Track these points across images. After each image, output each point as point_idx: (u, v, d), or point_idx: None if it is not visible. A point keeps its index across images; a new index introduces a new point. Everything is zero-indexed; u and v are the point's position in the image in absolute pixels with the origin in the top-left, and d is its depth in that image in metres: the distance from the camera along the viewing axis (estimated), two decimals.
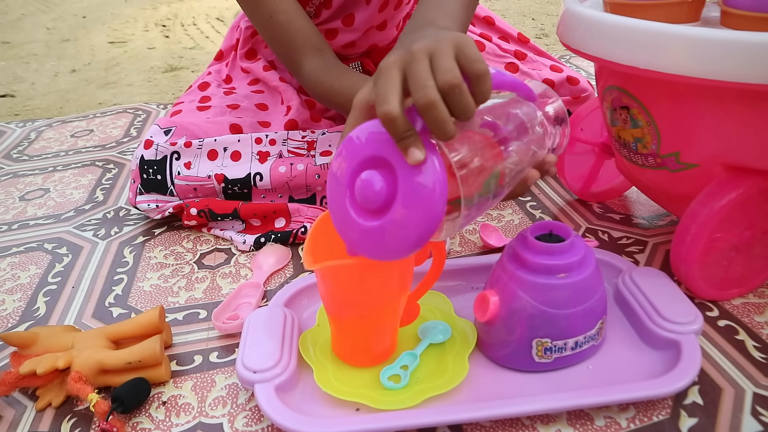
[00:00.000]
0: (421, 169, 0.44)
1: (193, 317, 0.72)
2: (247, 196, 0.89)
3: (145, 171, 0.90)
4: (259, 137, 0.91)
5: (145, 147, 0.90)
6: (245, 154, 0.90)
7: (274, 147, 0.91)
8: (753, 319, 0.67)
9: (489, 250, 0.82)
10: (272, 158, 0.90)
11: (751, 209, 0.65)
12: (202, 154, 0.90)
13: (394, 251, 0.46)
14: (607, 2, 0.65)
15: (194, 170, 0.89)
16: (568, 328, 0.57)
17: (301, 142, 0.92)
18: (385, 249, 0.47)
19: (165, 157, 0.89)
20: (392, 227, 0.45)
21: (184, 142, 0.90)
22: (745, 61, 0.53)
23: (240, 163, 0.89)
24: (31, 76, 1.93)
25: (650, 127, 0.66)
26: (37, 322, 0.73)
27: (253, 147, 0.91)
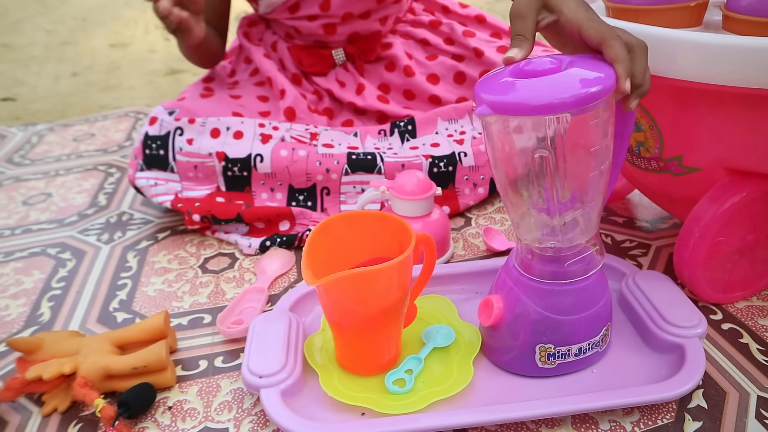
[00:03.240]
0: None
1: (198, 322, 0.72)
2: (246, 180, 0.89)
3: (149, 146, 0.91)
4: (262, 122, 0.92)
5: (150, 123, 0.92)
6: (248, 134, 0.91)
7: (277, 132, 0.92)
8: (757, 323, 0.68)
9: (493, 253, 0.82)
10: (274, 140, 0.90)
11: (754, 213, 0.65)
12: (205, 132, 0.91)
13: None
14: (609, 7, 0.65)
15: (196, 146, 0.89)
16: (571, 335, 0.58)
17: (305, 132, 0.93)
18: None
19: (168, 133, 0.91)
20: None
21: (188, 119, 0.92)
22: (747, 65, 0.53)
23: (242, 141, 0.90)
24: (32, 79, 1.93)
25: (653, 131, 0.66)
26: (41, 327, 0.74)
27: (257, 129, 0.91)
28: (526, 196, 0.55)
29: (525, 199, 0.55)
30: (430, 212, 0.79)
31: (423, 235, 0.58)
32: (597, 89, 0.47)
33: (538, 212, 0.56)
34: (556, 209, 0.54)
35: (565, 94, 0.46)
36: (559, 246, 0.56)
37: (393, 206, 0.79)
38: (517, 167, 0.53)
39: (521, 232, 0.58)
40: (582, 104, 0.47)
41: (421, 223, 0.77)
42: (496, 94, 0.49)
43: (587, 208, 0.55)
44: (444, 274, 0.72)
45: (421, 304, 0.67)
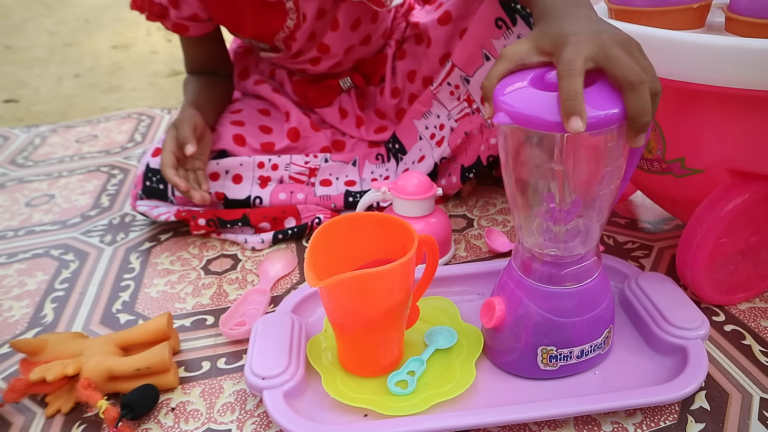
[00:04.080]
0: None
1: (201, 323, 0.72)
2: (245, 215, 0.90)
3: (149, 179, 0.90)
4: (262, 161, 0.92)
5: (153, 155, 0.91)
6: (246, 178, 0.92)
7: (275, 172, 0.92)
8: (759, 324, 0.68)
9: (495, 255, 0.82)
10: (273, 183, 0.92)
11: (757, 214, 0.65)
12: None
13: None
14: (612, 8, 0.65)
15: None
16: (573, 337, 0.58)
17: (304, 168, 0.93)
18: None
19: None
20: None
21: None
22: (750, 67, 0.53)
23: (240, 186, 0.91)
24: (35, 80, 1.94)
25: (655, 133, 0.66)
26: (44, 328, 0.74)
27: (255, 171, 0.92)
28: (533, 202, 0.55)
29: (531, 204, 0.56)
30: (432, 212, 0.79)
31: (425, 237, 0.58)
32: (615, 113, 0.47)
33: (543, 219, 0.56)
34: (561, 219, 0.54)
35: (589, 113, 0.46)
36: (559, 254, 0.56)
37: (394, 206, 0.79)
38: (528, 174, 0.53)
39: (524, 235, 0.58)
40: (600, 127, 0.47)
41: (423, 223, 0.77)
42: (517, 104, 0.48)
43: (592, 220, 0.55)
44: (446, 276, 0.72)
45: (424, 305, 0.67)
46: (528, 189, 0.55)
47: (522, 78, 0.52)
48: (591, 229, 0.56)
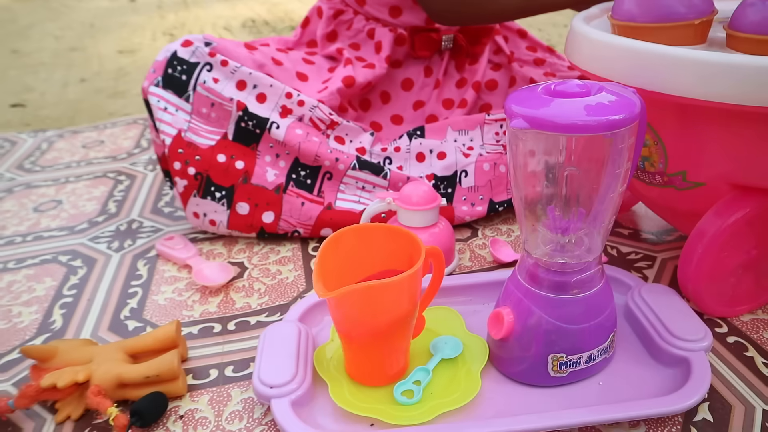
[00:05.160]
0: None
1: (208, 331, 0.73)
2: (256, 138, 0.89)
3: (173, 66, 0.89)
4: (290, 92, 0.91)
5: (183, 45, 0.90)
6: (270, 101, 0.90)
7: (300, 108, 0.91)
8: (762, 336, 0.68)
9: (499, 265, 0.83)
10: (292, 118, 0.90)
11: (758, 228, 0.66)
12: (233, 79, 0.89)
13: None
14: (615, 24, 0.66)
15: (220, 87, 0.88)
16: (582, 343, 0.59)
17: (326, 117, 0.92)
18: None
19: (197, 63, 0.89)
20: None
21: (221, 60, 0.89)
22: (751, 84, 0.54)
23: (262, 106, 0.90)
24: (41, 85, 1.95)
25: (657, 147, 0.67)
26: (53, 334, 0.75)
27: (281, 99, 0.90)
28: (542, 212, 0.56)
29: (539, 214, 0.57)
30: (436, 223, 0.80)
31: (432, 248, 0.59)
32: (630, 115, 0.49)
33: (552, 230, 0.57)
34: (569, 228, 0.56)
35: (600, 116, 0.48)
36: (566, 262, 0.57)
37: (399, 217, 0.79)
38: (537, 183, 0.55)
39: (530, 246, 0.59)
40: (616, 127, 0.49)
41: (427, 233, 0.78)
42: (533, 109, 0.50)
43: (599, 227, 0.56)
44: (451, 286, 0.73)
45: (429, 315, 0.68)
46: (536, 199, 0.56)
47: (533, 90, 0.53)
48: (596, 237, 0.57)
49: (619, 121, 0.48)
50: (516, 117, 0.50)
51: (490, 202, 0.92)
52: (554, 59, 1.15)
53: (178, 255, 0.86)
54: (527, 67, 1.11)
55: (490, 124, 0.98)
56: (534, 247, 0.58)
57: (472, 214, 0.92)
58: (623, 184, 0.54)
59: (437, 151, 0.94)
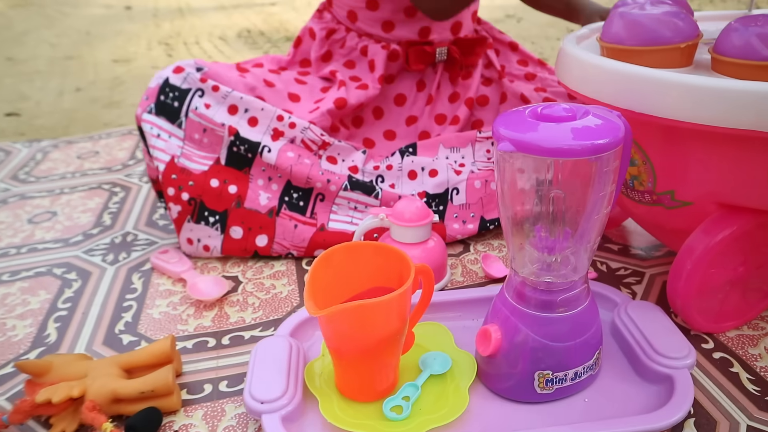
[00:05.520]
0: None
1: (203, 345, 0.74)
2: (248, 162, 0.90)
3: (165, 93, 0.91)
4: (282, 115, 0.92)
5: (175, 71, 0.92)
6: (261, 124, 0.91)
7: (291, 130, 0.92)
8: (747, 352, 0.69)
9: (490, 280, 0.84)
10: (284, 140, 0.91)
11: (745, 245, 0.67)
12: (225, 104, 0.91)
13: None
14: (604, 46, 0.68)
15: (211, 112, 0.90)
16: (568, 360, 0.60)
17: (318, 138, 0.93)
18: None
19: (189, 89, 0.91)
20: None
21: (212, 86, 0.91)
22: (734, 107, 0.55)
23: (254, 130, 0.91)
24: (36, 94, 1.96)
25: (646, 166, 0.69)
26: (48, 348, 0.75)
27: (272, 122, 0.91)
28: (529, 231, 0.57)
29: (527, 234, 0.58)
30: (428, 239, 0.81)
31: (421, 266, 0.60)
32: (614, 139, 0.50)
33: (537, 249, 0.58)
34: (555, 248, 0.57)
35: (585, 140, 0.50)
36: (553, 281, 0.58)
37: (392, 233, 0.80)
38: (524, 203, 0.56)
39: (518, 264, 0.60)
40: (601, 151, 0.50)
41: (419, 249, 0.79)
42: (520, 132, 0.51)
43: (585, 246, 0.57)
44: (441, 302, 0.73)
45: (419, 331, 0.69)
46: (523, 219, 0.57)
47: (520, 113, 0.55)
48: (582, 257, 0.58)
49: (603, 146, 0.50)
50: (503, 140, 0.51)
51: (481, 220, 0.94)
52: (545, 74, 1.16)
53: (173, 269, 0.87)
54: (518, 82, 1.12)
55: (482, 142, 0.99)
56: (521, 266, 0.60)
57: (463, 233, 0.93)
58: (608, 206, 0.55)
59: (429, 169, 0.95)
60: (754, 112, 0.55)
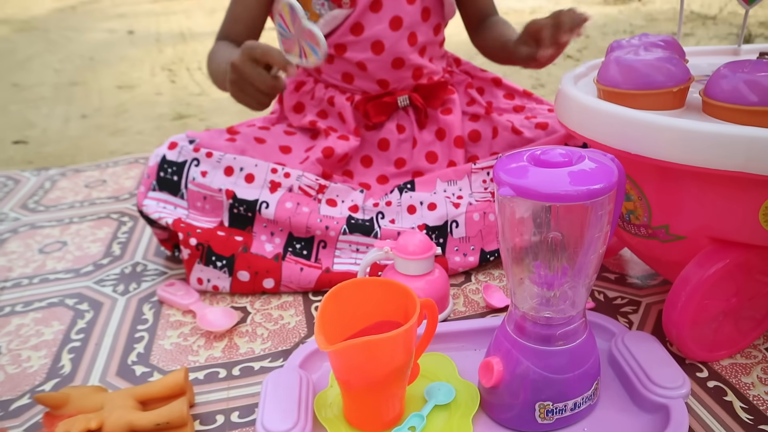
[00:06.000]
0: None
1: (213, 376, 0.76)
2: (250, 221, 0.94)
3: (164, 170, 0.96)
4: (275, 167, 0.96)
5: (170, 147, 0.97)
6: (258, 179, 0.95)
7: (287, 180, 0.96)
8: (740, 380, 0.72)
9: (491, 310, 0.87)
10: (282, 190, 0.95)
11: (737, 277, 0.70)
12: (220, 167, 0.96)
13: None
14: (600, 88, 0.71)
15: (209, 180, 0.95)
16: (567, 391, 0.62)
17: (314, 183, 0.97)
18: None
19: (185, 162, 0.96)
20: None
21: (206, 152, 0.96)
22: (723, 151, 0.59)
23: (252, 186, 0.95)
24: (42, 121, 1.99)
25: (641, 202, 0.71)
26: (62, 379, 0.77)
27: (268, 175, 0.96)
28: (528, 267, 0.60)
29: (526, 269, 0.61)
30: (432, 270, 0.83)
31: (426, 301, 0.63)
32: (608, 184, 0.54)
33: (536, 285, 0.61)
34: (553, 284, 0.59)
35: (581, 186, 0.53)
36: (551, 316, 0.60)
37: (396, 265, 0.83)
38: (524, 243, 0.59)
39: (518, 299, 0.62)
40: (593, 197, 0.53)
41: (423, 281, 0.82)
42: (519, 178, 0.55)
43: (582, 282, 0.60)
44: (444, 332, 0.76)
45: (424, 361, 0.71)
46: (523, 256, 0.60)
47: (520, 157, 0.58)
48: (579, 293, 0.61)
49: (598, 191, 0.52)
50: (504, 185, 0.54)
51: (481, 252, 0.96)
52: (533, 104, 1.19)
53: (180, 301, 0.90)
54: (507, 114, 1.15)
55: (477, 173, 1.02)
56: (521, 301, 0.62)
57: (464, 265, 0.95)
58: (604, 245, 0.58)
59: (428, 203, 0.98)
60: (743, 155, 0.58)
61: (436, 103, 1.13)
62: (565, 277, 0.60)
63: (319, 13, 1.03)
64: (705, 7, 3.50)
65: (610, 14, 3.64)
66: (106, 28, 4.03)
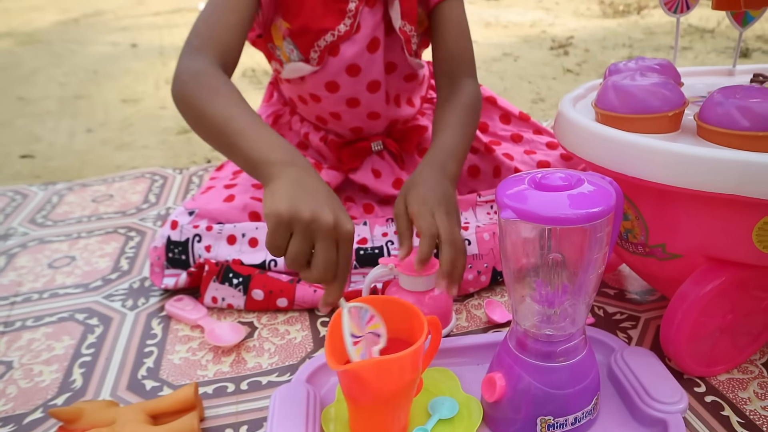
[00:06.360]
0: None
1: (222, 391, 0.78)
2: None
3: (171, 250, 0.98)
4: None
5: (172, 227, 0.98)
6: (262, 242, 0.97)
7: None
8: (737, 395, 0.74)
9: (493, 325, 0.88)
10: None
11: (732, 295, 0.72)
12: (222, 238, 0.97)
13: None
14: (599, 112, 0.73)
15: (213, 253, 0.97)
16: (568, 406, 0.64)
17: None
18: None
19: (188, 239, 0.98)
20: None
21: (206, 226, 0.98)
22: (717, 174, 0.61)
23: (257, 250, 0.97)
24: (49, 135, 2.01)
25: (639, 221, 0.74)
26: (74, 394, 0.79)
27: None
28: (530, 287, 0.62)
29: (527, 288, 0.63)
30: (434, 287, 0.85)
31: (431, 319, 0.65)
32: (606, 207, 0.56)
33: (538, 303, 0.63)
34: (554, 302, 0.62)
35: (580, 209, 0.55)
36: (552, 333, 0.62)
37: (400, 281, 0.85)
38: (525, 263, 0.61)
39: (519, 317, 0.64)
40: (592, 220, 0.55)
41: (426, 297, 0.83)
42: (521, 202, 0.57)
43: (582, 300, 0.62)
44: (447, 348, 0.78)
45: (428, 376, 0.73)
46: (524, 275, 0.62)
47: (521, 181, 0.60)
48: (579, 310, 0.63)
49: (596, 214, 0.55)
50: (506, 208, 0.56)
51: (493, 271, 0.97)
52: (530, 133, 1.21)
53: (189, 316, 0.91)
54: (506, 144, 1.17)
55: (482, 206, 1.04)
56: (523, 319, 0.64)
57: (476, 285, 0.96)
58: (602, 265, 0.60)
59: None
60: (736, 179, 0.60)
61: (411, 147, 1.14)
62: (566, 295, 0.62)
63: (289, 57, 1.02)
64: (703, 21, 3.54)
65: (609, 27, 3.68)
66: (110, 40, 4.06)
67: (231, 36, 0.85)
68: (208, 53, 0.81)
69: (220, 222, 1.00)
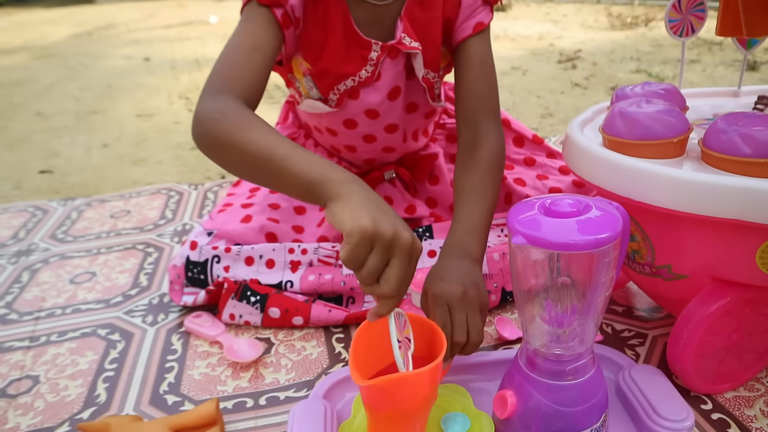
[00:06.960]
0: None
1: (241, 406, 0.80)
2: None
3: (190, 270, 1.01)
4: (292, 247, 1.01)
5: (191, 248, 1.02)
6: (278, 263, 1.00)
7: (305, 256, 1.01)
8: (743, 413, 0.75)
9: (503, 342, 0.91)
10: (303, 267, 1.00)
11: (738, 314, 0.74)
12: (240, 259, 1.00)
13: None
14: (606, 137, 0.76)
15: (232, 274, 0.99)
16: (577, 423, 0.66)
17: (331, 251, 1.01)
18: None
19: (207, 260, 1.01)
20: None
21: (225, 248, 1.01)
22: (720, 199, 0.63)
23: (273, 270, 1.00)
24: (66, 150, 2.05)
25: (645, 243, 0.76)
26: (98, 408, 0.82)
27: (287, 256, 1.01)
28: (539, 308, 0.65)
29: (537, 309, 0.65)
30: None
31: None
32: (614, 233, 0.58)
33: (548, 324, 0.65)
34: (563, 323, 0.64)
35: (588, 235, 0.58)
36: (562, 353, 0.65)
37: (413, 299, 0.87)
38: (535, 285, 0.64)
39: (530, 336, 0.67)
40: (600, 245, 0.58)
41: None
42: (531, 229, 0.59)
43: (590, 319, 0.64)
44: (460, 365, 0.80)
45: (440, 392, 0.75)
46: (534, 297, 0.65)
47: (531, 206, 0.62)
48: (588, 330, 0.65)
49: (604, 240, 0.57)
50: (517, 234, 0.59)
51: (502, 291, 1.00)
52: (543, 157, 1.23)
53: (207, 332, 0.94)
54: (519, 168, 1.19)
55: (493, 228, 1.06)
56: (533, 338, 0.67)
57: None
58: (610, 288, 0.62)
59: None
60: (738, 204, 0.62)
61: (423, 175, 1.17)
62: (575, 315, 0.64)
63: (308, 93, 1.03)
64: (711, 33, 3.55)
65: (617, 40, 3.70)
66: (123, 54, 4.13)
67: (255, 75, 0.84)
68: (232, 93, 0.80)
69: (238, 243, 1.03)
